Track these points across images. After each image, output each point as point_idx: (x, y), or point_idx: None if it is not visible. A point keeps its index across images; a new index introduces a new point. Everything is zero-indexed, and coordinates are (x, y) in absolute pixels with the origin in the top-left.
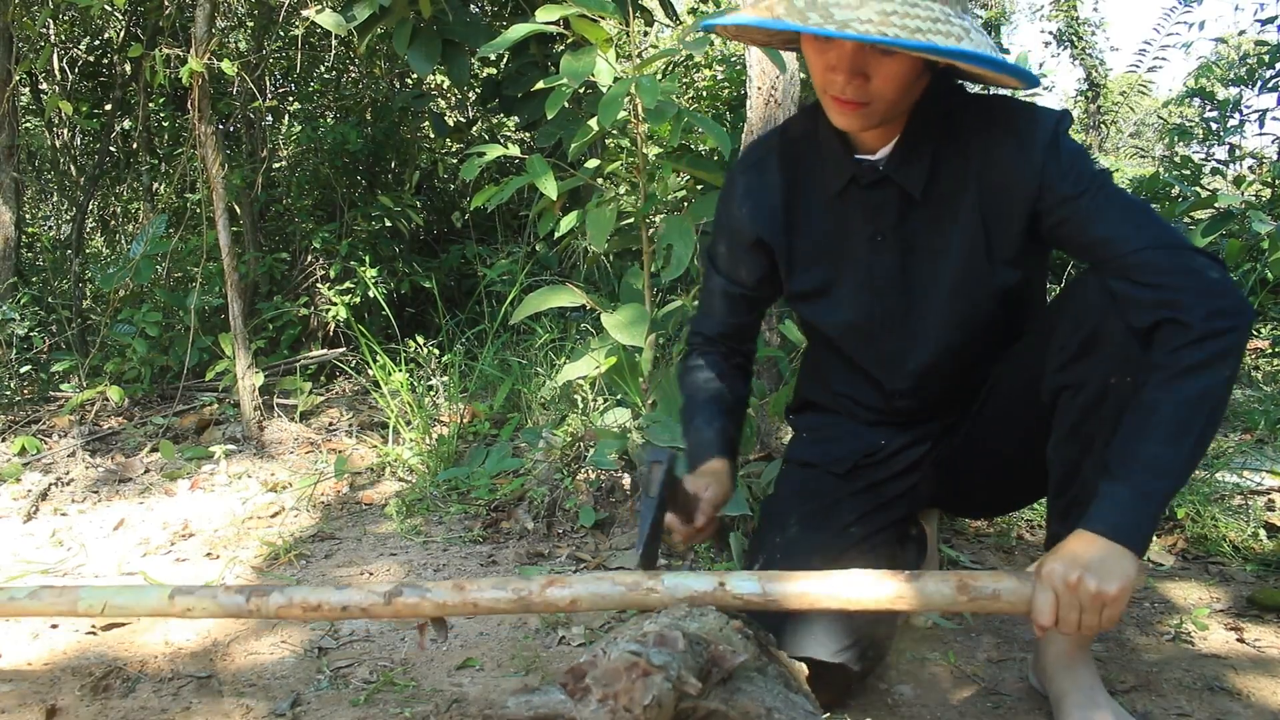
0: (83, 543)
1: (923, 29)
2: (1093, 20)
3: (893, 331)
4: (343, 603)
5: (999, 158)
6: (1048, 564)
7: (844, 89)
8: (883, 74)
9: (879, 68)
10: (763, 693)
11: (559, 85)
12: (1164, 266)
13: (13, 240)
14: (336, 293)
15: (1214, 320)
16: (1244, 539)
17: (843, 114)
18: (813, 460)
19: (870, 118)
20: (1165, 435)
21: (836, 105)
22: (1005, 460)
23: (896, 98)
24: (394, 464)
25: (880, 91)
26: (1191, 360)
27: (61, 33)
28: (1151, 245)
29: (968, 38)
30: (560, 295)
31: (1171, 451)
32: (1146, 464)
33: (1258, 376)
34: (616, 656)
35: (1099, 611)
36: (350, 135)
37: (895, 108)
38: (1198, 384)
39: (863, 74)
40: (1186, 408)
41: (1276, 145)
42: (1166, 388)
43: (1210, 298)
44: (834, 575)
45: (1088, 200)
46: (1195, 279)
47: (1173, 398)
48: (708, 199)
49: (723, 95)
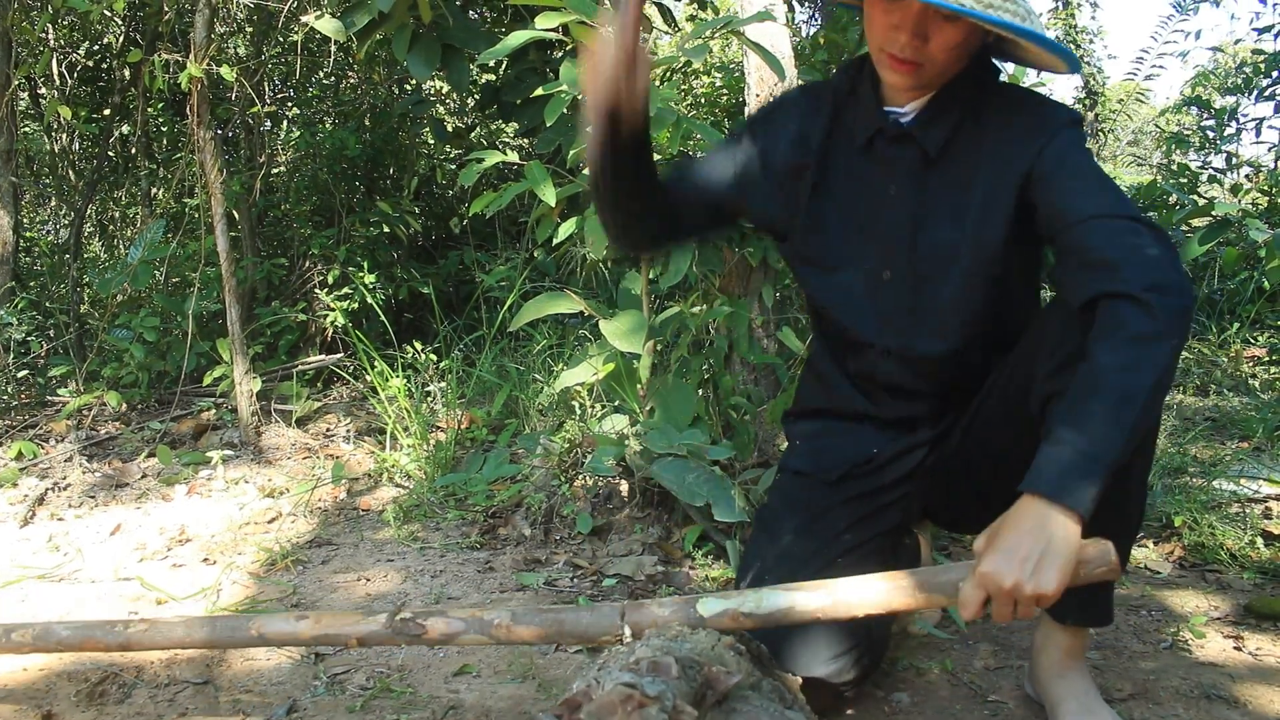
0: (79, 548)
1: (994, 4)
2: (1090, 28)
3: (894, 288)
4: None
5: (1009, 138)
6: (986, 561)
7: (904, 48)
8: (942, 39)
9: (939, 32)
10: (758, 711)
11: (558, 91)
12: (1105, 239)
13: (10, 245)
14: (335, 298)
15: (1153, 294)
16: (1241, 547)
17: (895, 71)
18: (806, 469)
19: (920, 77)
20: (1110, 403)
21: (891, 62)
22: (997, 470)
23: (949, 62)
24: (391, 470)
25: (935, 54)
26: (1139, 329)
27: (61, 37)
28: (1097, 215)
29: (1030, 19)
30: (558, 302)
31: (1114, 419)
32: (1089, 430)
33: (1254, 385)
34: (611, 689)
35: (1033, 604)
36: (349, 141)
37: (944, 73)
38: (1142, 351)
39: (923, 35)
40: (1130, 374)
41: (1273, 153)
42: (1111, 353)
43: (1149, 271)
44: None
45: (1061, 176)
46: (1135, 254)
47: (1116, 363)
48: None
49: (721, 102)
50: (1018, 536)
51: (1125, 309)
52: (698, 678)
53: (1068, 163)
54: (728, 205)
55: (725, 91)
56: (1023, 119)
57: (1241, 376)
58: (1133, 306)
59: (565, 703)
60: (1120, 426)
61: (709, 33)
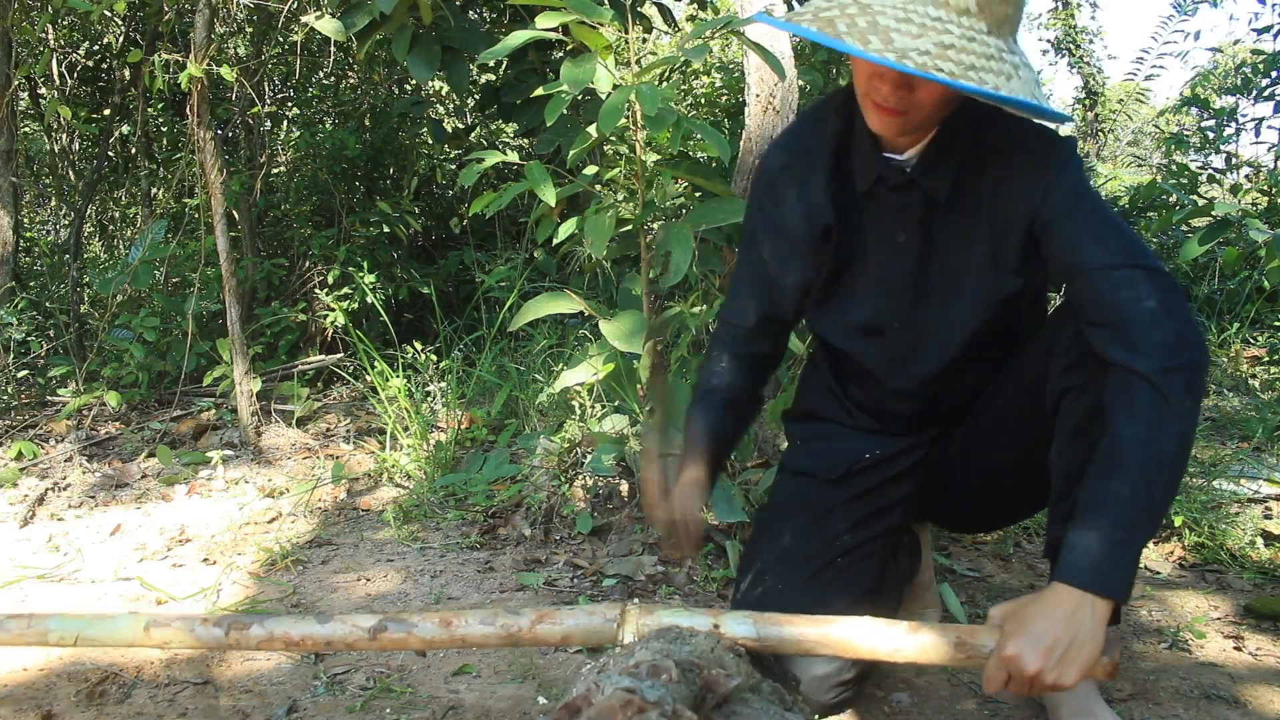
0: (79, 548)
1: (976, 65)
2: (1090, 29)
3: (902, 333)
4: (326, 637)
5: (1015, 174)
6: (1013, 645)
7: (888, 98)
8: (927, 89)
9: (924, 84)
10: (758, 714)
11: (558, 92)
12: (1114, 293)
13: (11, 245)
14: (335, 298)
15: (1165, 375)
16: (1241, 547)
17: (881, 119)
18: (806, 469)
19: (907, 125)
20: (1135, 478)
21: (876, 111)
22: (1004, 469)
23: (935, 110)
24: (391, 470)
25: (922, 103)
26: (1156, 409)
27: (61, 37)
28: (1106, 265)
29: (1016, 75)
30: (558, 302)
31: (1142, 496)
32: (1118, 513)
33: (1254, 385)
34: (610, 693)
35: (1046, 690)
36: (349, 141)
37: (932, 119)
38: (1161, 423)
39: (908, 85)
40: (1152, 446)
41: (1273, 153)
42: (1131, 426)
43: (1160, 334)
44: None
45: (1068, 221)
46: (1145, 315)
47: (1137, 435)
48: (706, 206)
49: (721, 102)
50: (1049, 625)
51: (1141, 390)
52: (697, 681)
53: (1075, 207)
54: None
55: (725, 91)
56: (1022, 155)
57: (1241, 376)
58: (1148, 389)
59: (565, 707)
60: (1149, 502)
61: (709, 33)
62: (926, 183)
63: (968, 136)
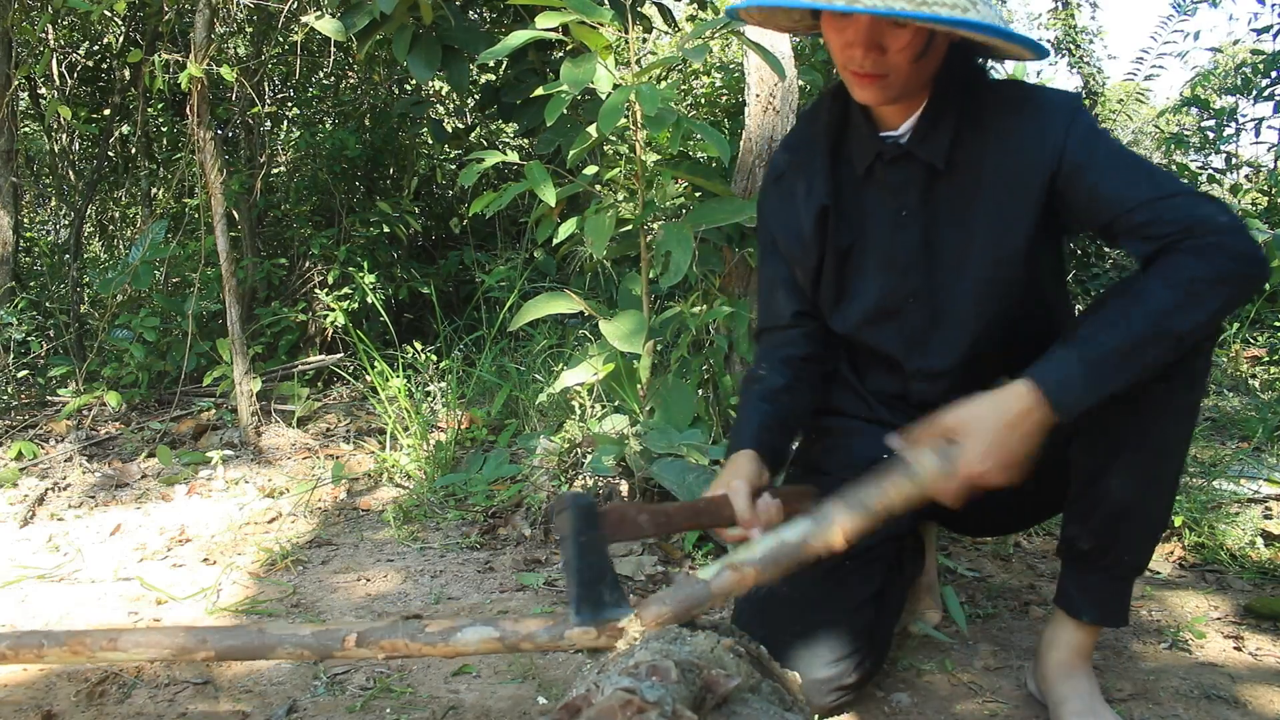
0: (79, 548)
1: (928, 1)
2: (1090, 29)
3: (917, 309)
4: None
5: (1018, 134)
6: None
7: (862, 63)
8: (897, 44)
9: (894, 40)
10: (758, 714)
11: (558, 92)
12: (1171, 217)
13: (11, 245)
14: (335, 298)
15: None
16: (1241, 547)
17: (863, 88)
18: (821, 466)
19: (889, 89)
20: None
21: (856, 80)
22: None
23: (911, 68)
24: (391, 470)
25: (896, 63)
26: (1196, 272)
27: (61, 38)
28: (1157, 197)
29: (974, 9)
30: (558, 302)
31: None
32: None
33: (1254, 385)
34: (610, 694)
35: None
36: (349, 141)
37: (912, 80)
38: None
39: (879, 46)
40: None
41: (1273, 153)
42: (1164, 289)
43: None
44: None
45: (1095, 168)
46: (1204, 224)
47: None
48: (706, 206)
49: (721, 102)
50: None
51: (1188, 256)
52: (697, 681)
53: (1097, 152)
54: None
55: (725, 91)
56: (1026, 119)
57: (1241, 376)
58: (1191, 256)
59: (565, 708)
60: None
61: (709, 33)
62: (922, 151)
63: (959, 102)
